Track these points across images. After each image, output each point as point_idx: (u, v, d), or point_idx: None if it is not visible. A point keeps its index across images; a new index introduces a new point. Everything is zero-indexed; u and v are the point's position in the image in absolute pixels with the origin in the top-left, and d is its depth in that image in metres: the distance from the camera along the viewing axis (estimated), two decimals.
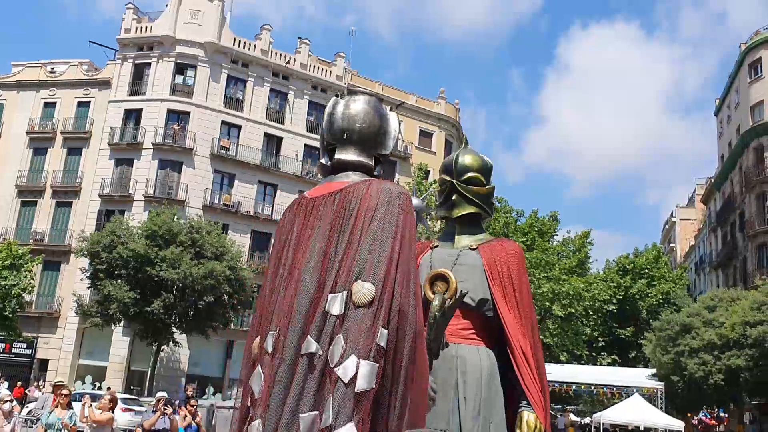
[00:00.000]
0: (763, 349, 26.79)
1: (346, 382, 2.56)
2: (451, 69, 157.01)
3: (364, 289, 2.69)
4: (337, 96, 3.50)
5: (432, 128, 48.69)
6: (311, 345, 2.67)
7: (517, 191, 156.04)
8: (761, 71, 42.22)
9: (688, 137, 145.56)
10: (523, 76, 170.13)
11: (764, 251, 39.86)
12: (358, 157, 3.23)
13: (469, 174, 4.38)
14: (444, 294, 3.71)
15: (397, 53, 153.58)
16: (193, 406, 11.23)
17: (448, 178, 4.40)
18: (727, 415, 39.10)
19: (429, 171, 45.69)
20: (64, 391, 9.84)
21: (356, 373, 2.57)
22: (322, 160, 3.34)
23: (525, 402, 3.68)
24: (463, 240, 4.33)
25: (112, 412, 10.29)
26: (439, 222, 4.47)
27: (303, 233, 3.06)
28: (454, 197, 4.35)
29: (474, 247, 4.24)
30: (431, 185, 37.54)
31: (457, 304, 3.57)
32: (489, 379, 3.79)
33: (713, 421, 41.70)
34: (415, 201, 4.69)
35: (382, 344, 2.62)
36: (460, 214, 4.32)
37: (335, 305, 2.71)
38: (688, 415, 34.85)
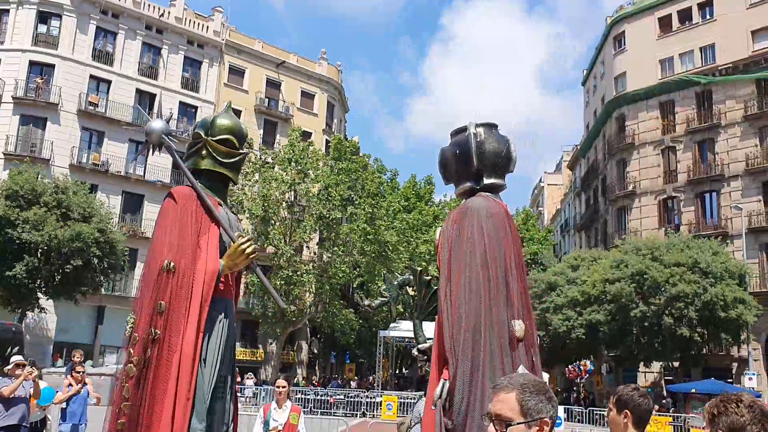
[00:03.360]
0: (620, 304, 28.89)
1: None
2: (343, 37, 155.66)
3: None
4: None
5: (314, 89, 48.20)
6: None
7: (398, 158, 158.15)
8: (625, 44, 44.67)
9: (561, 111, 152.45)
10: (410, 46, 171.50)
11: (623, 214, 42.71)
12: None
13: (226, 136, 4.56)
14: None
15: (286, 21, 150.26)
16: (79, 372, 10.60)
17: (202, 134, 4.55)
18: (593, 368, 41.98)
19: (311, 133, 45.40)
20: None
21: None
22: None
23: None
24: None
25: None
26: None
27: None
28: (203, 153, 4.51)
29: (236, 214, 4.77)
30: (309, 145, 37.38)
31: None
32: None
33: (575, 372, 44.71)
34: (159, 123, 4.59)
35: None
36: (209, 169, 4.50)
37: None
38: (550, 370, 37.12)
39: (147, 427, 3.92)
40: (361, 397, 29.01)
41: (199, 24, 43.20)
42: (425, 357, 5.09)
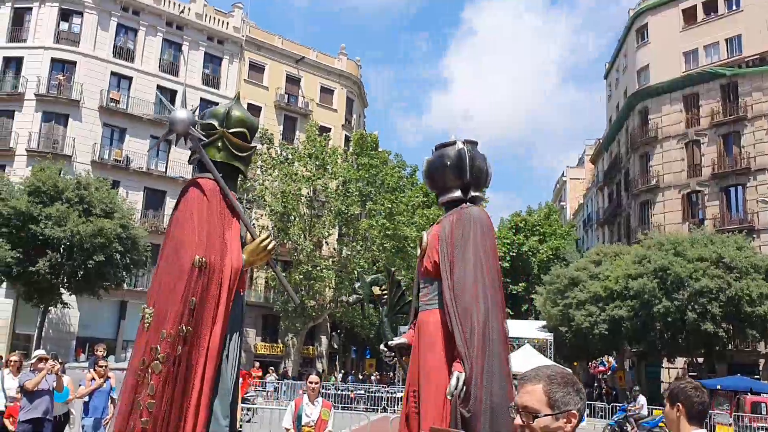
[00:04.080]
0: (643, 300, 28.51)
1: None
2: (359, 31, 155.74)
3: None
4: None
5: (333, 85, 48.17)
6: None
7: (417, 152, 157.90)
8: (647, 37, 44.08)
9: (582, 105, 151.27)
10: (429, 40, 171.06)
11: (646, 208, 42.20)
12: None
13: (241, 129, 4.50)
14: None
15: (305, 16, 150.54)
16: (102, 366, 10.62)
17: (217, 125, 4.45)
18: (617, 365, 41.58)
19: (330, 128, 45.47)
20: None
21: None
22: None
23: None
24: None
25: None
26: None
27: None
28: (219, 144, 4.41)
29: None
30: (325, 140, 37.39)
31: None
32: None
33: (601, 368, 44.29)
34: (185, 113, 4.36)
35: None
36: (224, 162, 4.40)
37: None
38: (575, 363, 36.87)
39: (176, 424, 3.84)
40: (382, 393, 28.96)
41: (219, 20, 43.32)
42: (392, 353, 5.08)
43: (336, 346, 45.67)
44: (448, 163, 4.87)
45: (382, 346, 5.12)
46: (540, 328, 33.90)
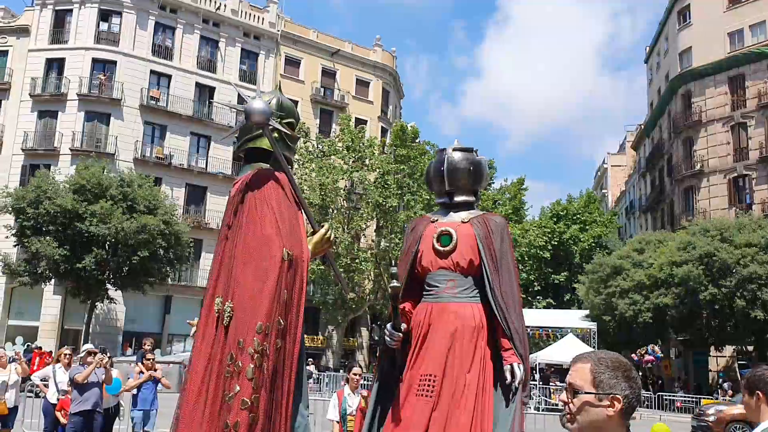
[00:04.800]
0: (688, 287, 27.95)
1: None
2: (393, 22, 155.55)
3: None
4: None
5: (369, 77, 48.13)
6: None
7: (453, 142, 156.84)
8: (689, 18, 43.02)
9: (622, 91, 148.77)
10: (465, 28, 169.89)
11: (690, 194, 41.29)
12: None
13: (290, 119, 4.41)
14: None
15: (340, 8, 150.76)
16: (149, 360, 10.84)
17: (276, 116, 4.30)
18: (662, 356, 40.92)
19: (367, 120, 45.47)
20: None
21: None
22: None
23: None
24: None
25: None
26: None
27: None
28: (275, 135, 4.28)
29: None
30: (360, 131, 37.36)
31: None
32: None
33: (650, 358, 43.55)
34: (262, 103, 4.10)
35: None
36: (282, 154, 4.29)
37: None
38: (621, 353, 36.32)
39: (275, 418, 3.81)
40: None
41: (254, 16, 43.61)
42: (400, 339, 5.01)
43: (377, 338, 45.82)
44: (471, 168, 5.18)
45: (393, 330, 4.98)
46: (583, 317, 33.51)
